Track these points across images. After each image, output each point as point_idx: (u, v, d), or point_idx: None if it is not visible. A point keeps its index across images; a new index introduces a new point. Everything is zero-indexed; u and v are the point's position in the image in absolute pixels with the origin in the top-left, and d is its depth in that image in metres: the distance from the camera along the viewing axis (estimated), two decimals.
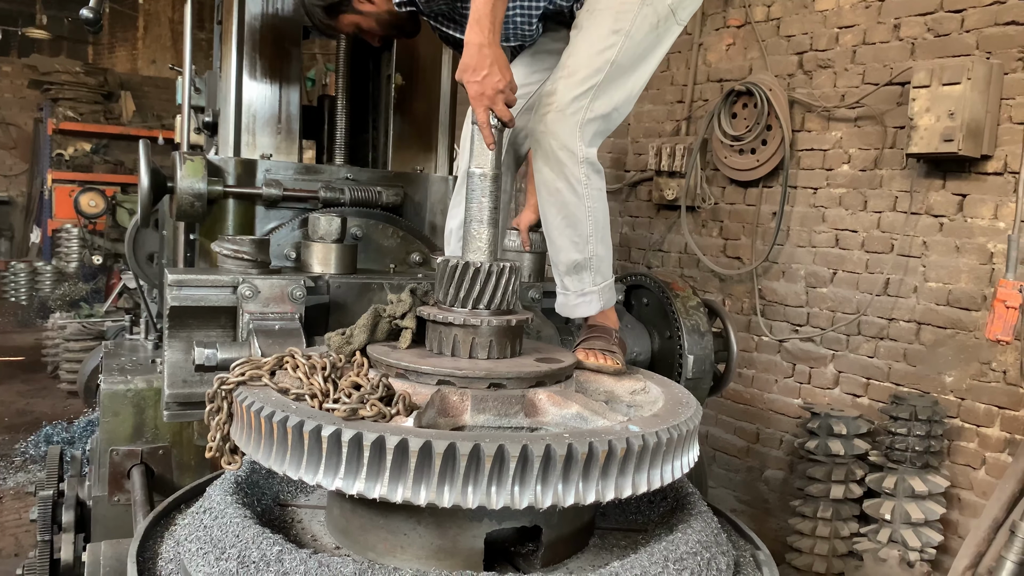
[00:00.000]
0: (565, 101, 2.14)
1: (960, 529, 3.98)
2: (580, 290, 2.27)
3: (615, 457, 1.49)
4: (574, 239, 2.21)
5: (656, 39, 2.25)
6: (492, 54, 1.91)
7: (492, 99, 1.90)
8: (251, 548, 1.53)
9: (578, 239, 2.21)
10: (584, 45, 2.19)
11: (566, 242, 2.22)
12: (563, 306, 2.33)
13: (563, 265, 2.26)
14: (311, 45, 7.71)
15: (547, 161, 2.17)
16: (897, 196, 4.30)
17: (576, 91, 2.14)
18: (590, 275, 2.25)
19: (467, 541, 1.60)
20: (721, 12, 5.26)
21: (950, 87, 3.77)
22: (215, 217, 2.92)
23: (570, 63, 2.18)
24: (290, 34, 3.17)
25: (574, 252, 2.22)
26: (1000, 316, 3.65)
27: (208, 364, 2.17)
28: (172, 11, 15.03)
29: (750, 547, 1.99)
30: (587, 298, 2.27)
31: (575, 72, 2.16)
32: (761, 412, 5.03)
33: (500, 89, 1.90)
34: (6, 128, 14.02)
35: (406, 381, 1.74)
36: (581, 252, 2.22)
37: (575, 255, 2.23)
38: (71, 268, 11.23)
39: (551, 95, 2.16)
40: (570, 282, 2.27)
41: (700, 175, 5.31)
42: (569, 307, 2.31)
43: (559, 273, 2.29)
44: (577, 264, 2.24)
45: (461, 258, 1.89)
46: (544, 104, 2.17)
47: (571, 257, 2.23)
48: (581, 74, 2.15)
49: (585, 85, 2.14)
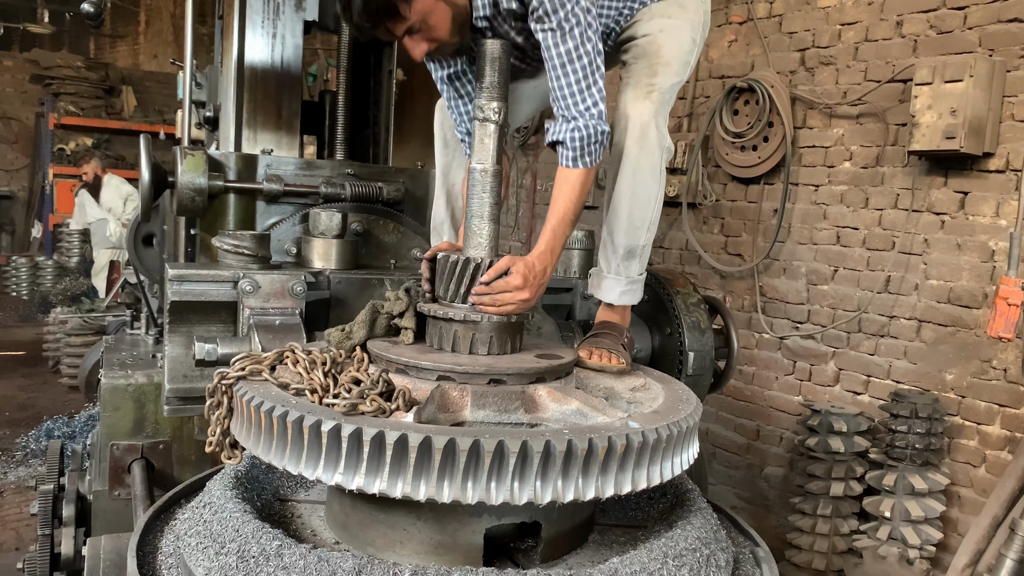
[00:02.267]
0: (666, 87, 2.20)
1: (960, 527, 3.98)
2: (630, 277, 2.31)
3: (615, 453, 1.49)
4: (638, 224, 2.26)
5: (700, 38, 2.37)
6: (545, 282, 1.95)
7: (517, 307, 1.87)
8: (251, 543, 1.53)
9: (641, 224, 2.26)
10: (675, 41, 2.23)
11: (632, 225, 2.26)
12: (609, 290, 2.33)
13: (623, 248, 2.29)
14: (312, 40, 7.69)
15: (641, 141, 2.19)
16: (899, 193, 4.29)
17: (672, 80, 2.21)
18: (638, 264, 2.30)
19: (466, 536, 1.60)
20: (723, 8, 5.25)
21: (952, 84, 3.76)
22: (216, 212, 2.91)
23: (665, 54, 2.21)
24: (291, 29, 3.17)
25: (635, 236, 2.27)
26: (1002, 313, 3.65)
27: (208, 359, 2.16)
28: (174, 6, 15.02)
29: (749, 544, 1.99)
30: (633, 287, 2.32)
31: (670, 63, 2.21)
32: (761, 409, 5.03)
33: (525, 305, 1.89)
34: (7, 123, 14.02)
35: (406, 377, 1.74)
36: (640, 238, 2.28)
37: (634, 240, 2.27)
38: (72, 263, 11.24)
39: (652, 76, 2.19)
40: (623, 267, 2.30)
41: (701, 172, 5.30)
42: (616, 293, 2.33)
43: (615, 256, 2.30)
44: (632, 250, 2.28)
45: (462, 254, 1.89)
46: (645, 84, 2.19)
47: (633, 241, 2.27)
48: (675, 67, 2.22)
49: (676, 78, 2.23)
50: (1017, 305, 3.63)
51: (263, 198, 2.98)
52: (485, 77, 1.91)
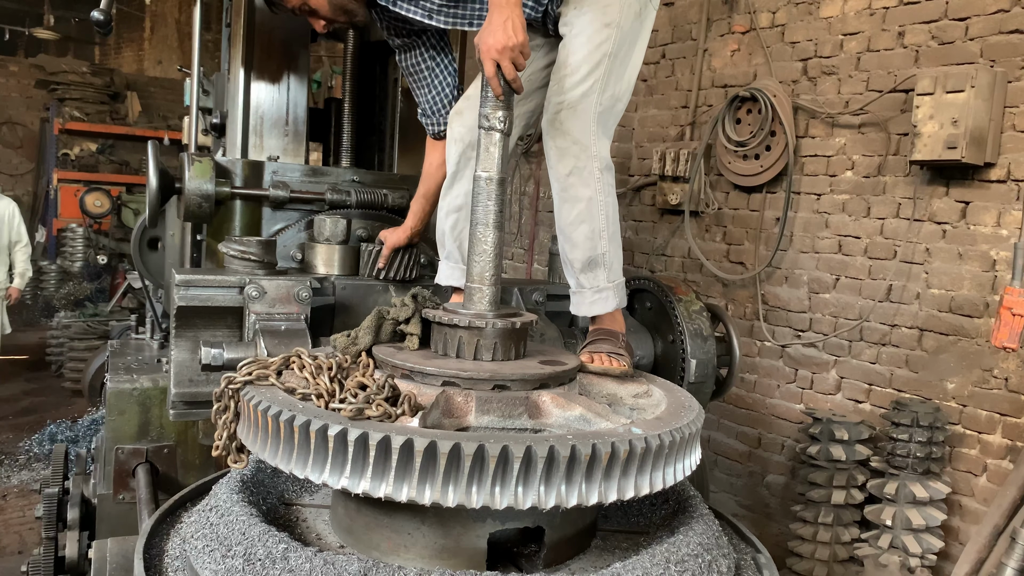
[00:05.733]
0: (575, 98, 2.19)
1: (961, 535, 3.99)
2: (596, 287, 2.30)
3: (618, 459, 1.50)
4: (588, 235, 2.25)
5: (640, 25, 2.32)
6: (511, 12, 1.92)
7: (500, 54, 1.89)
8: (257, 546, 1.55)
9: (592, 235, 2.25)
10: (580, 42, 2.23)
11: (581, 238, 2.26)
12: (579, 304, 2.34)
13: (579, 262, 2.29)
14: (317, 48, 7.74)
15: (562, 158, 2.21)
16: (900, 203, 4.31)
17: (583, 87, 2.19)
18: (604, 271, 2.29)
19: (471, 541, 1.61)
20: (726, 18, 5.28)
21: (954, 95, 3.78)
22: (222, 218, 2.93)
23: (571, 61, 2.22)
24: (298, 36, 3.20)
25: (589, 248, 2.26)
26: (1007, 323, 3.64)
27: (215, 364, 2.18)
28: (179, 12, 15.09)
29: (751, 550, 2.00)
30: (603, 295, 2.31)
31: (577, 69, 2.20)
32: (763, 417, 5.04)
33: (509, 46, 1.89)
34: (12, 128, 14.07)
35: (411, 382, 1.75)
36: (595, 248, 2.26)
37: (590, 251, 2.27)
38: (76, 268, 11.27)
39: (560, 94, 2.20)
40: (585, 279, 2.30)
41: (704, 180, 5.32)
42: (585, 305, 2.33)
43: (574, 271, 2.32)
44: (592, 260, 2.28)
45: None
46: (554, 104, 2.21)
47: (586, 253, 2.27)
48: (584, 70, 2.20)
49: (589, 81, 2.20)
50: (1022, 315, 3.62)
51: (269, 204, 3.01)
52: (490, 87, 1.93)
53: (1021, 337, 3.66)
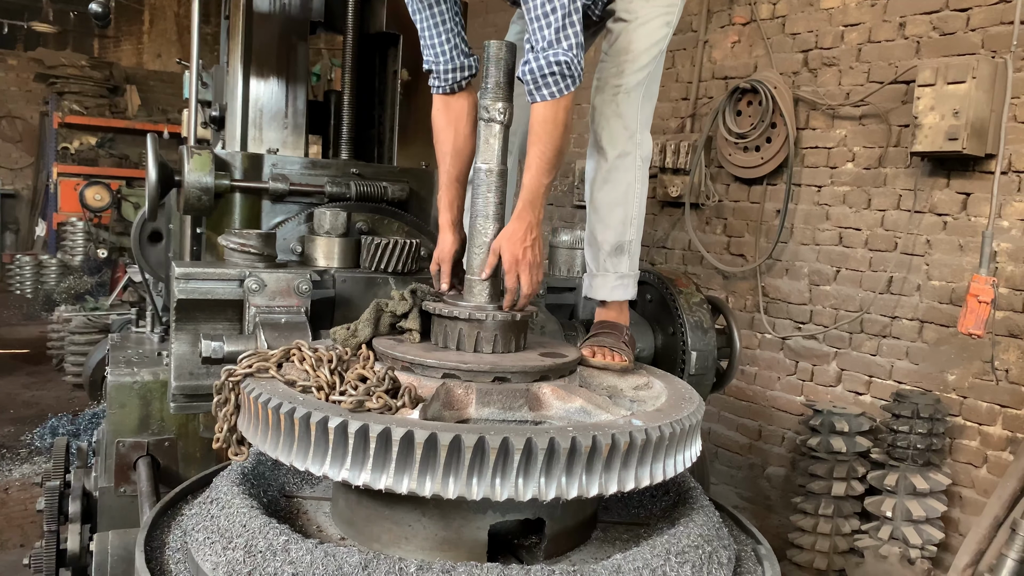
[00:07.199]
0: (632, 84, 2.26)
1: (961, 527, 3.99)
2: (620, 272, 2.34)
3: (618, 451, 1.50)
4: (622, 219, 2.30)
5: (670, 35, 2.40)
6: (538, 233, 1.97)
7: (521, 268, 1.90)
8: (258, 538, 1.55)
9: (624, 220, 2.30)
10: (645, 31, 2.28)
11: (616, 221, 2.30)
12: (600, 287, 2.36)
13: (608, 244, 2.33)
14: (316, 40, 7.72)
15: (613, 141, 2.27)
16: (901, 194, 4.30)
17: (640, 76, 2.27)
18: (628, 259, 2.34)
19: (471, 532, 1.61)
20: (726, 10, 5.26)
21: (955, 86, 3.77)
22: (222, 211, 2.93)
23: (634, 48, 2.27)
24: (297, 29, 3.19)
25: (620, 233, 2.31)
26: (973, 311, 3.66)
27: (215, 356, 2.18)
28: (178, 5, 15.04)
29: (751, 542, 2.00)
30: (624, 282, 2.35)
31: (639, 57, 2.26)
32: (763, 409, 5.04)
33: (535, 264, 1.92)
34: (12, 121, 14.04)
35: (412, 374, 1.75)
36: (624, 234, 2.31)
37: (620, 236, 2.31)
38: (76, 261, 11.26)
39: (619, 76, 2.25)
40: (611, 263, 2.34)
41: (704, 172, 5.31)
42: (607, 288, 2.35)
43: (602, 253, 2.34)
44: (619, 245, 2.32)
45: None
46: (612, 87, 2.26)
47: (617, 237, 2.31)
48: (643, 60, 2.27)
49: (646, 71, 2.28)
50: (987, 303, 3.64)
51: (269, 197, 3.00)
52: (490, 77, 1.93)
53: (987, 324, 3.67)
